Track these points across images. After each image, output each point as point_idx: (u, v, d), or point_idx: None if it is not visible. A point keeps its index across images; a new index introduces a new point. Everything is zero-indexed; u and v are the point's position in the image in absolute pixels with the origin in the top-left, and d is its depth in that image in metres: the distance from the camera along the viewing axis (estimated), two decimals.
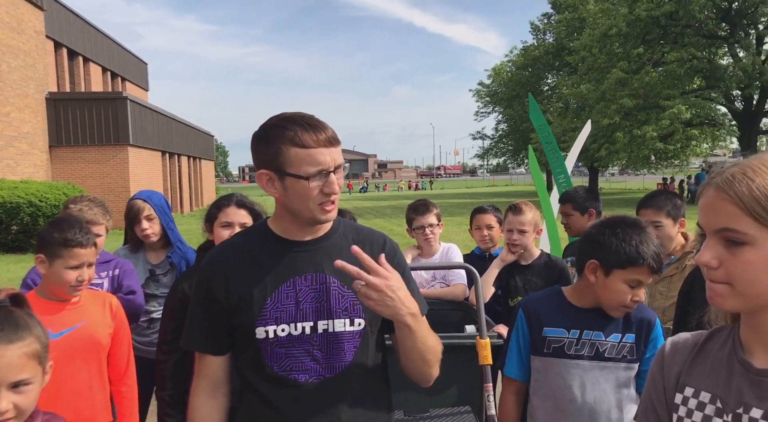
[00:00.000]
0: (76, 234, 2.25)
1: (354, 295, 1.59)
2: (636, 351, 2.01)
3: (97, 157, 20.00)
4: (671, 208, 3.01)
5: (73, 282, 2.24)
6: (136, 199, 3.17)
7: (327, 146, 1.53)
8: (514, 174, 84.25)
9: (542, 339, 2.04)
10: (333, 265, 1.59)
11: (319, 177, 1.53)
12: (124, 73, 30.15)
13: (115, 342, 2.39)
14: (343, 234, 1.69)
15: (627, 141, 27.53)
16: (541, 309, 2.08)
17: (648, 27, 28.64)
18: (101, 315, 2.37)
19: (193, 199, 30.79)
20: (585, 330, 2.00)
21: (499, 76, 49.21)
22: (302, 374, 1.59)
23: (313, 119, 1.56)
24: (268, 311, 1.58)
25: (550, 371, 2.03)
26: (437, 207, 3.68)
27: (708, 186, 1.03)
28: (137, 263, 3.19)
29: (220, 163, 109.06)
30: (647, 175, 46.65)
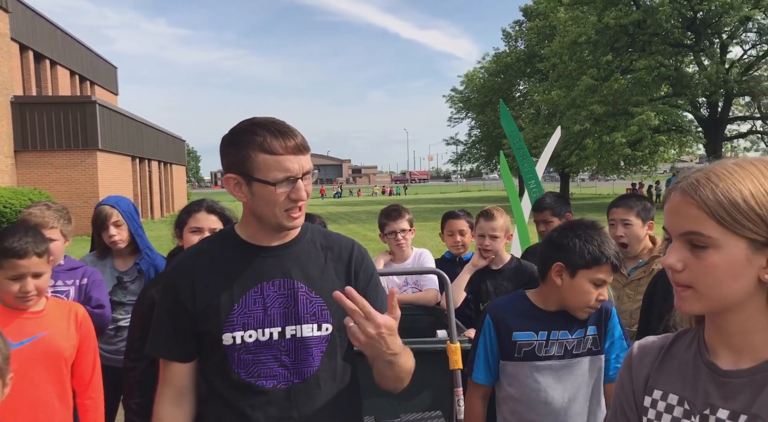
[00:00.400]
0: (13, 243, 2.14)
1: (322, 300, 1.60)
2: (599, 342, 2.09)
3: (64, 162, 19.62)
4: (641, 209, 3.09)
5: (17, 293, 2.14)
6: (103, 205, 3.11)
7: (295, 153, 1.53)
8: (488, 179, 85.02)
9: (512, 344, 2.06)
10: (301, 271, 1.61)
11: (286, 183, 1.52)
12: (93, 76, 29.65)
13: (80, 353, 2.32)
14: (311, 239, 1.69)
15: (597, 147, 28.01)
16: (509, 314, 2.11)
17: (617, 35, 29.25)
18: (65, 325, 2.30)
19: (164, 204, 30.36)
20: (552, 331, 2.05)
21: (472, 83, 49.68)
22: (270, 380, 1.57)
23: (283, 125, 1.55)
24: (235, 317, 1.57)
25: (522, 375, 2.05)
26: (410, 212, 3.70)
27: (673, 190, 1.05)
28: (104, 270, 3.13)
29: (191, 168, 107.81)
30: (617, 181, 47.52)
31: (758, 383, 0.99)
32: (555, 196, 3.89)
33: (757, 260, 0.97)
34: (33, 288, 2.16)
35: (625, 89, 28.22)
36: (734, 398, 1.00)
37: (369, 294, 1.68)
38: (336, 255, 1.68)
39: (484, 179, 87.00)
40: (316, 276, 1.63)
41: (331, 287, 1.61)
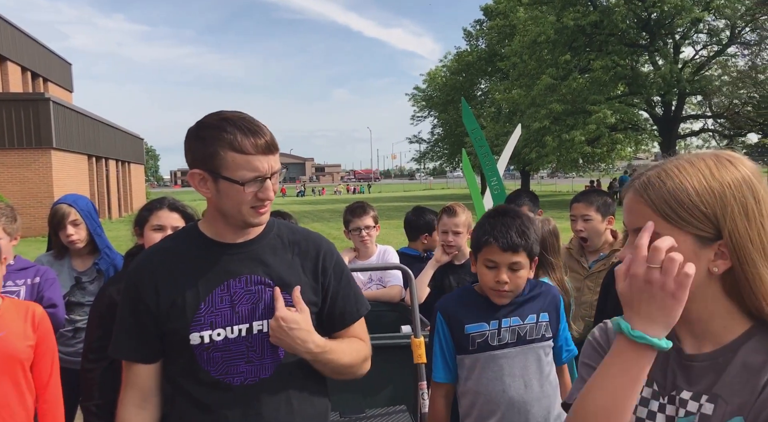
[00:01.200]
0: None
1: (289, 296, 1.59)
2: (552, 329, 2.13)
3: (17, 161, 19.01)
4: (601, 204, 3.17)
5: None
6: (60, 204, 3.03)
7: (265, 153, 1.51)
8: (451, 177, 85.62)
9: (466, 337, 2.09)
10: (266, 266, 1.60)
11: (254, 183, 1.51)
12: (46, 73, 28.78)
13: (37, 355, 2.25)
14: (278, 234, 1.67)
15: (556, 145, 28.54)
16: (458, 308, 2.14)
17: (575, 35, 29.86)
18: (21, 326, 2.23)
19: (122, 204, 29.68)
20: (503, 319, 2.08)
21: (434, 81, 49.97)
22: (237, 377, 1.57)
23: (253, 122, 1.53)
24: (202, 316, 1.55)
25: (478, 366, 2.08)
26: (374, 209, 3.71)
27: (628, 188, 1.11)
28: (62, 270, 3.05)
29: (150, 167, 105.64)
30: (576, 178, 48.45)
31: (719, 365, 1.04)
32: (528, 194, 3.98)
33: (705, 254, 1.02)
34: None
35: (583, 88, 28.83)
36: (698, 381, 1.06)
37: (341, 290, 1.70)
38: (303, 251, 1.66)
39: (447, 177, 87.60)
40: (283, 272, 1.61)
41: (298, 282, 1.62)
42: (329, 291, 1.67)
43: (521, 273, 2.05)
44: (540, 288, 2.19)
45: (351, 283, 1.74)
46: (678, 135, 32.59)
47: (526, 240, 2.04)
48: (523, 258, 2.04)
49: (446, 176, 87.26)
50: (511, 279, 2.03)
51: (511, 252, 2.02)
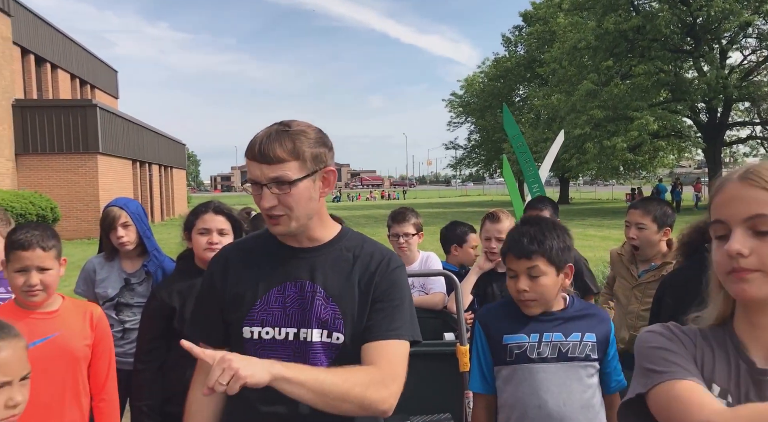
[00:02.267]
0: (20, 235, 2.16)
1: (337, 309, 1.58)
2: (598, 351, 2.03)
3: (65, 166, 19.62)
4: (659, 213, 3.06)
5: (22, 286, 2.14)
6: (112, 206, 3.10)
7: (258, 161, 1.54)
8: (487, 183, 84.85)
9: (503, 348, 2.04)
10: (324, 276, 1.61)
11: (253, 186, 1.57)
12: (94, 80, 29.68)
13: (95, 354, 2.30)
14: (345, 246, 1.65)
15: (597, 151, 28.05)
16: (497, 318, 2.10)
17: (616, 40, 29.32)
18: (80, 325, 2.29)
19: (165, 208, 30.35)
20: (545, 333, 2.01)
21: (472, 87, 49.76)
22: None
23: (273, 131, 1.56)
24: (255, 312, 1.61)
25: (515, 378, 2.02)
26: (418, 216, 3.68)
27: (727, 181, 1.05)
28: (112, 271, 3.12)
29: (191, 172, 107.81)
30: (616, 185, 47.49)
31: None
32: (546, 201, 3.91)
33: None
34: (38, 282, 2.15)
35: (624, 94, 28.28)
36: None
37: (379, 304, 1.60)
38: (364, 264, 1.63)
39: (483, 183, 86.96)
40: (338, 284, 1.60)
41: (351, 296, 1.59)
42: (371, 303, 1.61)
43: (542, 281, 1.98)
44: (590, 310, 2.13)
45: (396, 302, 1.60)
46: (723, 142, 31.68)
47: (540, 245, 1.98)
48: (541, 264, 1.98)
49: (484, 182, 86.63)
50: (530, 287, 1.98)
51: (525, 259, 1.98)
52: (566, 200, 42.20)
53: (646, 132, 27.21)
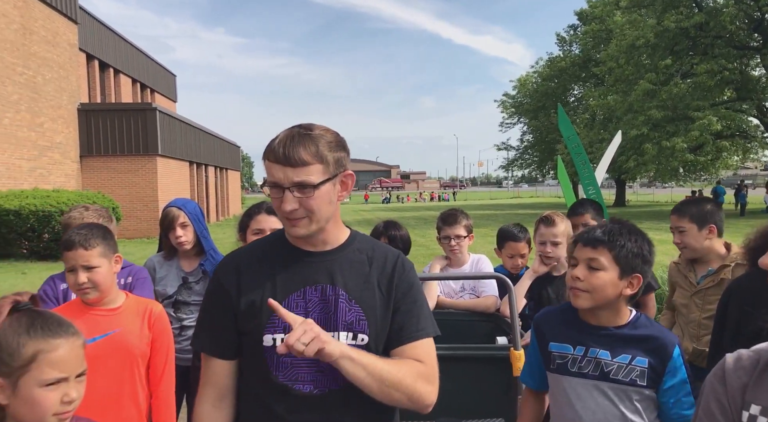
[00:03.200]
0: (67, 236, 2.24)
1: (360, 310, 1.59)
2: (648, 378, 1.87)
3: (126, 167, 20.35)
4: (696, 213, 2.94)
5: (73, 284, 2.22)
6: (171, 207, 3.18)
7: (282, 163, 1.51)
8: (547, 185, 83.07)
9: (548, 355, 2.00)
10: (344, 278, 1.61)
11: (274, 189, 1.54)
12: (153, 84, 30.70)
13: (153, 351, 2.35)
14: (358, 248, 1.67)
15: (656, 152, 27.15)
16: (549, 323, 2.04)
17: (677, 38, 28.30)
18: (139, 322, 2.34)
19: (220, 208, 31.10)
20: (591, 348, 1.92)
21: (525, 87, 49.00)
22: (307, 384, 1.57)
23: (294, 134, 1.53)
24: (277, 319, 1.56)
25: (555, 387, 1.99)
26: (469, 218, 3.63)
27: None
28: (170, 270, 3.21)
29: (245, 174, 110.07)
30: (675, 188, 45.90)
31: None
32: (591, 203, 3.80)
33: None
34: (85, 281, 2.21)
35: (685, 93, 27.26)
36: None
37: (403, 306, 1.64)
38: (380, 266, 1.66)
39: (536, 185, 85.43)
40: (358, 286, 1.62)
41: (372, 297, 1.61)
42: (399, 308, 1.65)
43: (600, 275, 1.87)
44: (648, 330, 1.93)
45: (418, 303, 1.67)
46: None
47: (611, 240, 1.88)
48: (605, 258, 1.87)
49: (536, 184, 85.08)
50: (586, 277, 1.88)
51: (590, 248, 1.90)
52: (623, 203, 41.03)
53: (709, 132, 26.16)
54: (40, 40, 17.33)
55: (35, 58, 17.03)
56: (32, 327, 1.44)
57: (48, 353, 1.42)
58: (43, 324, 1.46)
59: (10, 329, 1.43)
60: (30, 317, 1.47)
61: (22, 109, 16.28)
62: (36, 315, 1.48)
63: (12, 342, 1.40)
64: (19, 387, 1.39)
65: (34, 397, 1.40)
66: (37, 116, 17.07)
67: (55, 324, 1.48)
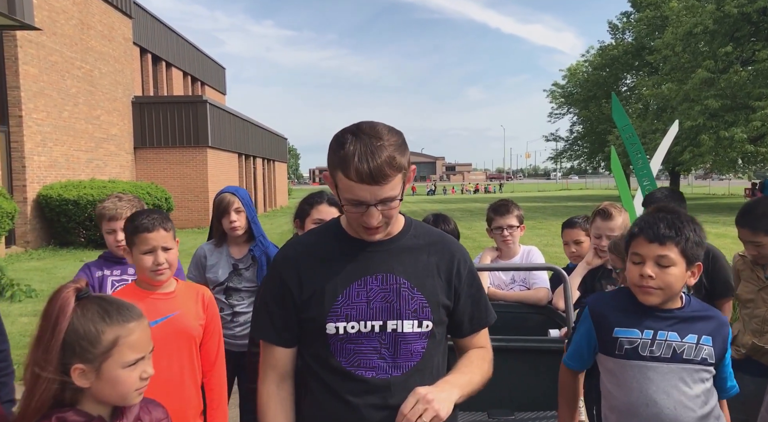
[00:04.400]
0: (143, 220, 2.32)
1: (423, 297, 1.62)
2: (716, 357, 1.91)
3: (178, 158, 20.86)
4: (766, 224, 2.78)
5: (151, 266, 2.28)
6: (225, 193, 3.23)
7: (369, 183, 1.48)
8: (597, 176, 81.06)
9: (613, 340, 1.94)
10: (403, 266, 1.63)
11: (357, 206, 1.53)
12: (204, 77, 31.33)
13: (207, 334, 2.42)
14: (414, 235, 1.70)
15: (713, 143, 26.13)
16: (609, 308, 1.99)
17: (738, 23, 27.11)
18: (194, 306, 2.40)
19: (267, 199, 31.60)
20: (659, 331, 1.90)
21: (575, 77, 47.86)
22: (369, 371, 1.60)
23: (371, 145, 1.48)
24: (339, 307, 1.60)
25: (624, 374, 1.93)
26: (520, 208, 3.57)
27: None
28: (221, 257, 3.25)
29: (291, 165, 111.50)
30: (733, 180, 44.17)
31: None
32: (668, 190, 3.64)
33: None
34: (164, 260, 2.30)
35: (745, 81, 26.11)
36: None
37: (473, 295, 1.72)
38: (439, 252, 1.69)
39: (585, 177, 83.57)
40: (419, 273, 1.64)
41: (433, 284, 1.65)
42: (461, 295, 1.69)
43: (671, 271, 1.85)
44: (708, 311, 1.99)
45: (481, 291, 1.75)
46: None
47: (678, 234, 1.85)
48: (673, 254, 1.85)
49: (585, 175, 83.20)
50: (657, 275, 1.85)
51: (658, 244, 1.85)
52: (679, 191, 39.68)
53: None
54: (96, 35, 17.89)
55: (92, 52, 17.60)
56: (107, 314, 1.49)
57: (126, 337, 1.49)
58: (116, 310, 1.51)
59: (84, 318, 1.46)
60: (99, 305, 1.51)
61: (80, 102, 16.86)
62: (104, 302, 1.52)
63: (91, 330, 1.45)
64: (103, 370, 1.46)
65: (119, 378, 1.48)
66: (94, 109, 17.66)
67: (125, 308, 1.53)
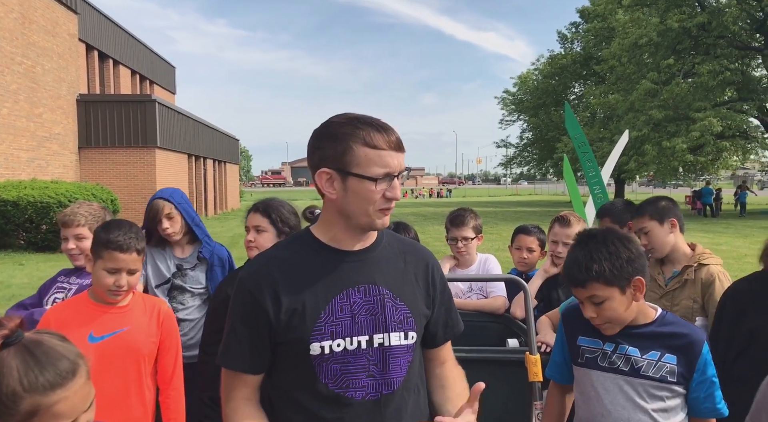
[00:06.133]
0: (119, 236, 2.16)
1: (406, 308, 1.56)
2: (678, 375, 1.87)
3: (124, 159, 20.25)
4: (654, 209, 2.91)
5: (110, 286, 2.17)
6: (156, 199, 3.11)
7: (397, 150, 1.49)
8: (546, 182, 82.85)
9: (577, 348, 1.99)
10: (383, 276, 1.56)
11: (386, 180, 1.47)
12: (153, 76, 30.55)
13: (161, 350, 2.32)
14: (389, 243, 1.63)
15: (656, 153, 27.11)
16: (580, 318, 2.00)
17: (679, 37, 28.26)
18: (147, 321, 2.30)
19: (218, 201, 31.01)
20: (621, 345, 1.91)
21: (525, 84, 48.89)
22: (359, 391, 1.50)
23: (382, 121, 1.52)
24: (323, 325, 1.48)
25: (583, 382, 1.97)
26: (478, 218, 3.56)
27: None
28: (164, 257, 3.13)
29: (243, 167, 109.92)
30: (676, 187, 45.88)
31: None
32: (623, 202, 3.71)
33: None
34: (126, 284, 2.18)
35: (686, 93, 27.21)
36: None
37: (445, 304, 1.69)
38: (414, 261, 1.64)
39: (534, 182, 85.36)
40: (399, 282, 1.57)
41: (413, 293, 1.59)
42: (436, 303, 1.65)
43: (606, 306, 1.84)
44: (676, 327, 1.92)
45: (452, 299, 1.74)
46: None
47: (588, 272, 1.82)
48: (599, 290, 1.83)
49: (534, 181, 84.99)
50: (597, 312, 1.86)
51: (581, 288, 1.86)
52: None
53: (709, 133, 26.13)
54: (39, 30, 17.19)
55: (34, 48, 16.90)
56: (28, 375, 1.18)
57: (50, 407, 1.19)
58: (40, 370, 1.19)
59: (2, 374, 1.17)
60: (23, 360, 1.20)
61: (20, 99, 16.15)
62: (29, 357, 1.20)
63: (8, 391, 1.16)
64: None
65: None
66: (35, 106, 16.95)
67: (53, 369, 1.21)
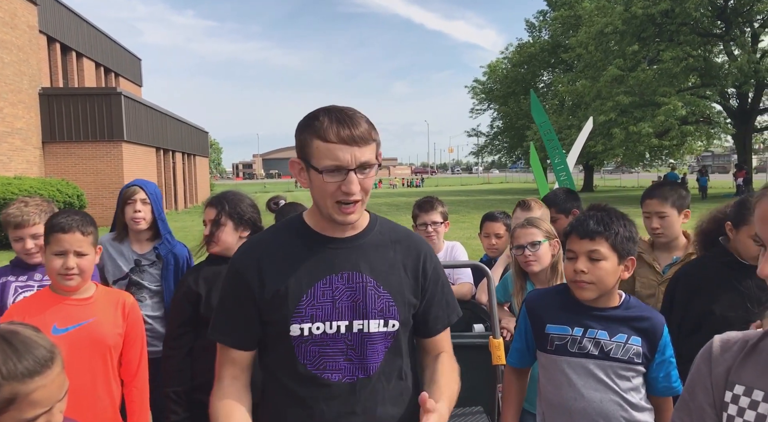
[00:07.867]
0: (60, 219, 2.19)
1: (389, 296, 1.58)
2: (642, 356, 1.95)
3: (90, 153, 19.87)
4: (676, 198, 2.95)
5: (59, 269, 2.16)
6: (132, 185, 3.11)
7: (349, 144, 1.47)
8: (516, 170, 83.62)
9: (545, 336, 2.02)
10: (369, 264, 1.59)
11: (336, 173, 1.48)
12: (118, 68, 29.95)
13: (126, 343, 2.32)
14: (380, 231, 1.65)
15: (623, 137, 27.57)
16: (543, 305, 2.06)
17: (644, 25, 28.69)
18: (113, 313, 2.30)
19: (188, 195, 30.63)
20: (590, 329, 1.96)
21: (495, 73, 49.21)
22: (335, 373, 1.56)
23: (347, 114, 1.50)
24: (303, 308, 1.54)
25: (553, 368, 2.00)
26: (444, 205, 3.61)
27: (763, 197, 1.04)
28: (122, 251, 3.08)
29: (214, 160, 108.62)
30: (642, 173, 46.74)
31: None
32: (564, 191, 3.79)
33: None
34: (74, 266, 2.17)
35: (651, 80, 27.69)
36: None
37: (437, 294, 1.68)
38: (405, 250, 1.65)
39: (505, 170, 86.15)
40: (385, 271, 1.60)
41: (399, 282, 1.61)
42: (426, 294, 1.66)
43: (602, 265, 1.92)
44: (644, 312, 2.01)
45: (446, 289, 1.72)
46: (754, 128, 30.96)
47: (606, 229, 1.93)
48: (604, 248, 1.93)
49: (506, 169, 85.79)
50: (590, 269, 1.92)
51: (588, 240, 1.94)
52: (591, 188, 41.66)
53: (674, 117, 26.65)
54: None
55: None
56: (5, 363, 1.25)
57: (28, 395, 1.27)
58: (17, 358, 1.27)
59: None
60: (1, 349, 1.27)
61: None
62: (6, 346, 1.28)
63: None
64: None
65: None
66: None
67: (31, 357, 1.29)
